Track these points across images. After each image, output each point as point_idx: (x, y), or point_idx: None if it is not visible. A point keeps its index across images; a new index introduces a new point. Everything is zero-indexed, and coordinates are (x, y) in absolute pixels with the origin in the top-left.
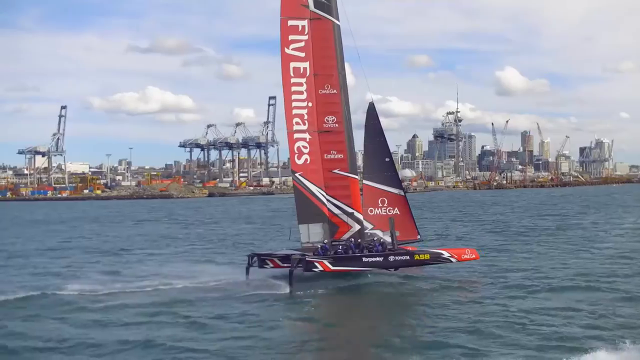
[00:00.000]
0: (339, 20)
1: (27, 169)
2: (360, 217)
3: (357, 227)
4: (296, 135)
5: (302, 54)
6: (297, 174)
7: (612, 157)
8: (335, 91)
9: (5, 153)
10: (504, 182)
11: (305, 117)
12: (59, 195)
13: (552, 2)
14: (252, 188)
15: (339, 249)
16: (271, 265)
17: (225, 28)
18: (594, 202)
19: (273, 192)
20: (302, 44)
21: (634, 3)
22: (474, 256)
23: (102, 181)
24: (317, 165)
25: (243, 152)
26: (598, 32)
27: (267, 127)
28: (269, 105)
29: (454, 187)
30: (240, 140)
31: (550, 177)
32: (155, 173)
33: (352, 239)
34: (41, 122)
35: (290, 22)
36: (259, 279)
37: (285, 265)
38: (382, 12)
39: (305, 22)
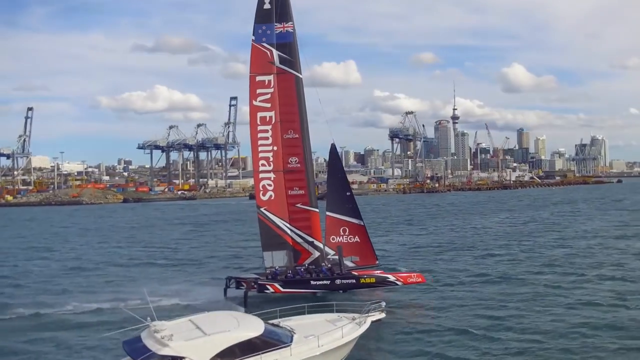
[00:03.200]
0: (301, 74)
1: (16, 170)
2: (320, 245)
3: (317, 254)
4: (261, 175)
5: (268, 105)
6: (261, 209)
7: (601, 155)
8: (297, 135)
9: None
10: (436, 185)
11: (271, 159)
12: None
13: None
14: (180, 192)
15: (288, 273)
16: (247, 286)
17: (231, 26)
18: (445, 210)
19: (195, 197)
20: (269, 95)
21: None
22: (420, 280)
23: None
24: (281, 200)
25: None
26: (604, 28)
27: (228, 127)
28: (230, 105)
29: (385, 190)
30: (200, 141)
31: (500, 179)
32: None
33: (300, 265)
34: (49, 121)
35: (258, 78)
36: (220, 300)
37: None
38: (389, 9)
39: (271, 77)
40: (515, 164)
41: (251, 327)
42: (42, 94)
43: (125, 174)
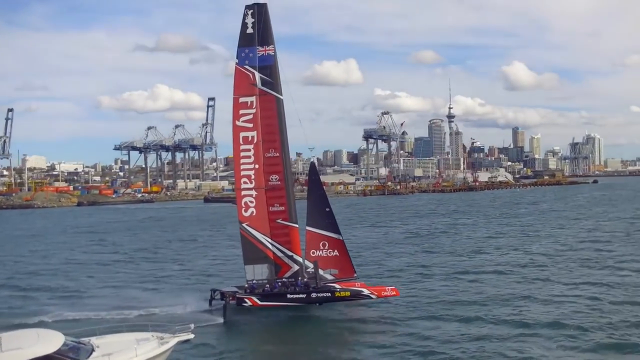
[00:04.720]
0: (282, 95)
1: (6, 170)
2: (300, 259)
3: (296, 267)
4: (244, 192)
5: (250, 125)
6: (244, 224)
7: (593, 154)
8: (277, 154)
9: None
10: (398, 187)
11: (252, 177)
12: None
13: None
14: (140, 195)
15: (266, 287)
16: (230, 298)
17: (232, 25)
18: (359, 216)
19: (154, 200)
20: (251, 116)
21: None
22: (394, 293)
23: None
24: (262, 216)
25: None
26: (605, 27)
27: (205, 128)
28: (207, 106)
29: (346, 192)
30: (177, 142)
31: (465, 180)
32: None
33: (278, 279)
34: (50, 121)
35: (242, 99)
36: (199, 311)
37: None
38: (390, 8)
39: (253, 98)
40: (509, 163)
41: (47, 343)
42: (42, 94)
43: (121, 173)
